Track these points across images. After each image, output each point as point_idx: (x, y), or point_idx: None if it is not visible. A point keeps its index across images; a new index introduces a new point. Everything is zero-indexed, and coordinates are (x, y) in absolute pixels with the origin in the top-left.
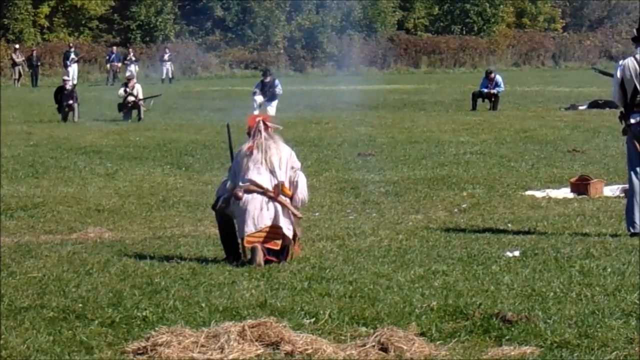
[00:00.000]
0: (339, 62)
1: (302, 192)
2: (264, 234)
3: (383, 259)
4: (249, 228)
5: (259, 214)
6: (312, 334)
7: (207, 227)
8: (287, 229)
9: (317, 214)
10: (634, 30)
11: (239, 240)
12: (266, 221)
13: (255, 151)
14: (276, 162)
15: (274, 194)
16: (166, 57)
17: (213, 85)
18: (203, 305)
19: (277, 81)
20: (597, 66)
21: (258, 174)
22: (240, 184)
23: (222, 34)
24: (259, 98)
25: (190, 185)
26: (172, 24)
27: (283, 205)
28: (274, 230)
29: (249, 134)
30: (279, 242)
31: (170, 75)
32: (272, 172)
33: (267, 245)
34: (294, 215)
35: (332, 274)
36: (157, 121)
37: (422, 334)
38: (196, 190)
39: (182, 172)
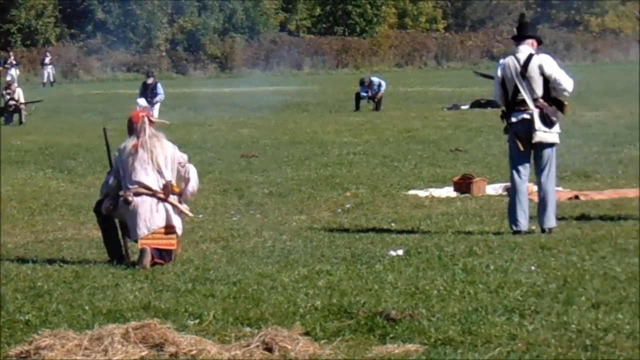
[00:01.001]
0: (221, 64)
1: (193, 185)
2: (158, 235)
3: (267, 260)
4: (142, 231)
5: (150, 216)
6: (197, 335)
7: (90, 230)
8: (179, 228)
9: (200, 215)
10: (515, 30)
11: (134, 243)
12: (158, 222)
13: (141, 150)
14: (162, 162)
15: (164, 195)
16: (47, 60)
17: (95, 88)
18: (86, 308)
19: (159, 84)
20: (476, 69)
21: (146, 175)
22: (129, 186)
23: (103, 36)
24: (142, 101)
25: (73, 188)
26: (52, 27)
27: (173, 205)
28: (168, 230)
29: (130, 129)
30: (174, 241)
31: (51, 79)
32: (160, 172)
33: (163, 246)
34: (184, 214)
35: (216, 275)
36: (39, 125)
37: (307, 334)
38: (79, 193)
39: (64, 175)
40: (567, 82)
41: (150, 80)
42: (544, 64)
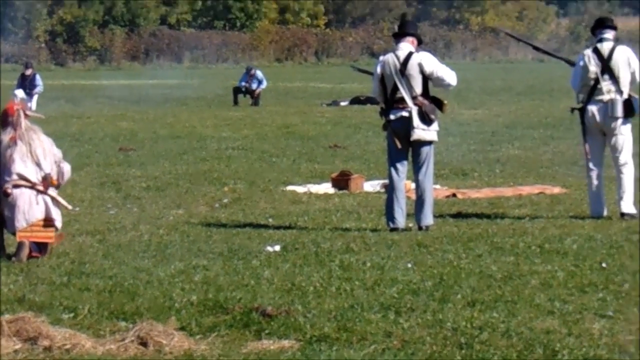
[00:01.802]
0: (101, 56)
1: (66, 181)
2: (36, 228)
3: (143, 254)
4: (20, 223)
5: (28, 208)
6: (71, 329)
7: None
8: (59, 221)
9: (77, 208)
10: (395, 27)
11: (11, 235)
12: (37, 215)
13: (19, 142)
14: (41, 154)
15: (43, 188)
16: None
17: None
18: None
19: (37, 75)
20: (355, 64)
21: (25, 167)
22: (7, 178)
23: None
24: (20, 92)
25: None
26: None
27: (52, 198)
28: (47, 223)
29: (5, 122)
30: (52, 234)
31: None
32: (38, 164)
33: (41, 239)
34: (63, 206)
35: (92, 268)
36: None
37: (182, 329)
38: None
39: None
40: (450, 77)
41: (28, 72)
42: (424, 62)
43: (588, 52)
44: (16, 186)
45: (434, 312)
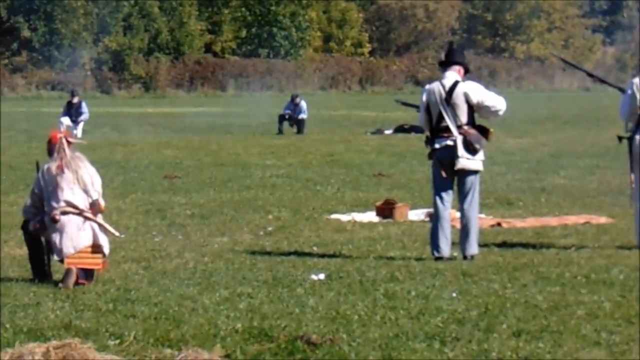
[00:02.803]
0: (145, 84)
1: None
2: (84, 254)
3: (188, 281)
4: (68, 250)
5: (76, 235)
6: (117, 355)
7: (12, 248)
8: (106, 247)
9: (123, 235)
10: (442, 55)
11: (58, 262)
12: (85, 241)
13: (66, 170)
14: (88, 181)
15: (92, 214)
16: None
17: (19, 106)
18: (7, 326)
19: (83, 103)
20: (400, 99)
21: (72, 195)
22: (55, 205)
23: (28, 54)
24: (66, 120)
25: None
26: None
27: (99, 224)
28: (94, 250)
29: (50, 151)
30: (99, 260)
31: None
32: (86, 191)
33: (88, 266)
34: (110, 233)
35: (138, 295)
36: None
37: (227, 356)
38: (2, 211)
39: None
40: (499, 103)
41: (75, 100)
42: (470, 92)
43: (637, 80)
44: (64, 213)
45: (479, 342)
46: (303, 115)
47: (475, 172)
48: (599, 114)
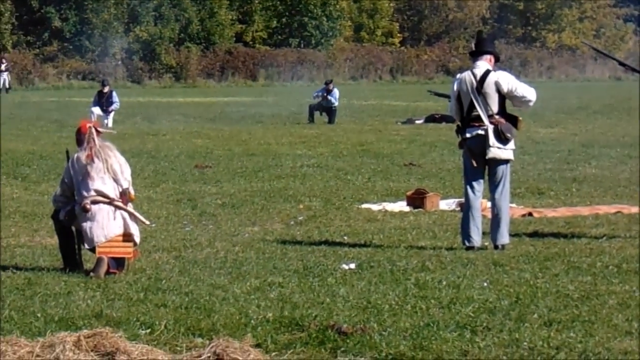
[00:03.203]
0: (176, 73)
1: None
2: (115, 243)
3: (219, 271)
4: (99, 239)
5: (107, 223)
6: (148, 344)
7: (43, 237)
8: (137, 236)
9: (153, 225)
10: (472, 45)
11: (89, 251)
12: (116, 230)
13: (96, 159)
14: (118, 170)
15: (122, 203)
16: (3, 67)
17: (50, 96)
18: (38, 315)
19: (114, 92)
20: (432, 84)
21: (103, 184)
22: (85, 194)
23: (59, 44)
24: (96, 109)
25: (27, 195)
26: (9, 34)
27: (130, 213)
28: (125, 238)
29: (79, 140)
30: (130, 249)
31: (7, 86)
32: (116, 180)
33: (120, 255)
34: (141, 222)
35: (168, 285)
36: None
37: (258, 345)
38: (33, 200)
39: (18, 182)
40: (530, 93)
41: (105, 89)
42: (501, 81)
43: None
44: (94, 202)
45: (510, 332)
46: (334, 102)
47: (506, 161)
48: (631, 103)
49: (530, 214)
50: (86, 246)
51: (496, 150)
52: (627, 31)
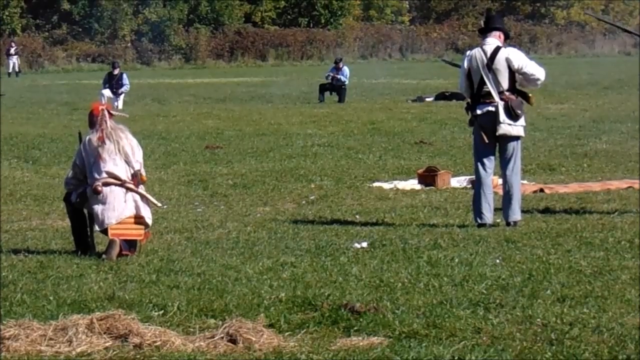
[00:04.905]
0: (186, 55)
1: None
2: (127, 225)
3: (231, 251)
4: (111, 220)
5: (119, 205)
6: (161, 326)
7: (54, 220)
8: (148, 218)
9: (165, 206)
10: (481, 22)
11: (101, 233)
12: (128, 212)
13: (107, 141)
14: (129, 152)
15: (134, 185)
16: (12, 50)
17: (60, 78)
18: (51, 298)
19: (124, 75)
20: (444, 57)
21: (114, 165)
22: (97, 176)
23: (69, 27)
24: (107, 92)
25: (38, 178)
26: (18, 18)
27: (141, 195)
28: (137, 220)
29: (91, 123)
30: (142, 231)
31: (16, 69)
32: (128, 162)
33: (132, 237)
34: (153, 204)
35: (181, 266)
36: (4, 115)
37: (271, 325)
38: (43, 183)
39: (29, 165)
40: (539, 72)
41: (116, 71)
42: (512, 57)
43: None
44: (106, 184)
45: (523, 308)
46: (345, 80)
47: (517, 137)
48: None
49: (541, 190)
50: (98, 228)
51: (507, 127)
52: (636, 6)
